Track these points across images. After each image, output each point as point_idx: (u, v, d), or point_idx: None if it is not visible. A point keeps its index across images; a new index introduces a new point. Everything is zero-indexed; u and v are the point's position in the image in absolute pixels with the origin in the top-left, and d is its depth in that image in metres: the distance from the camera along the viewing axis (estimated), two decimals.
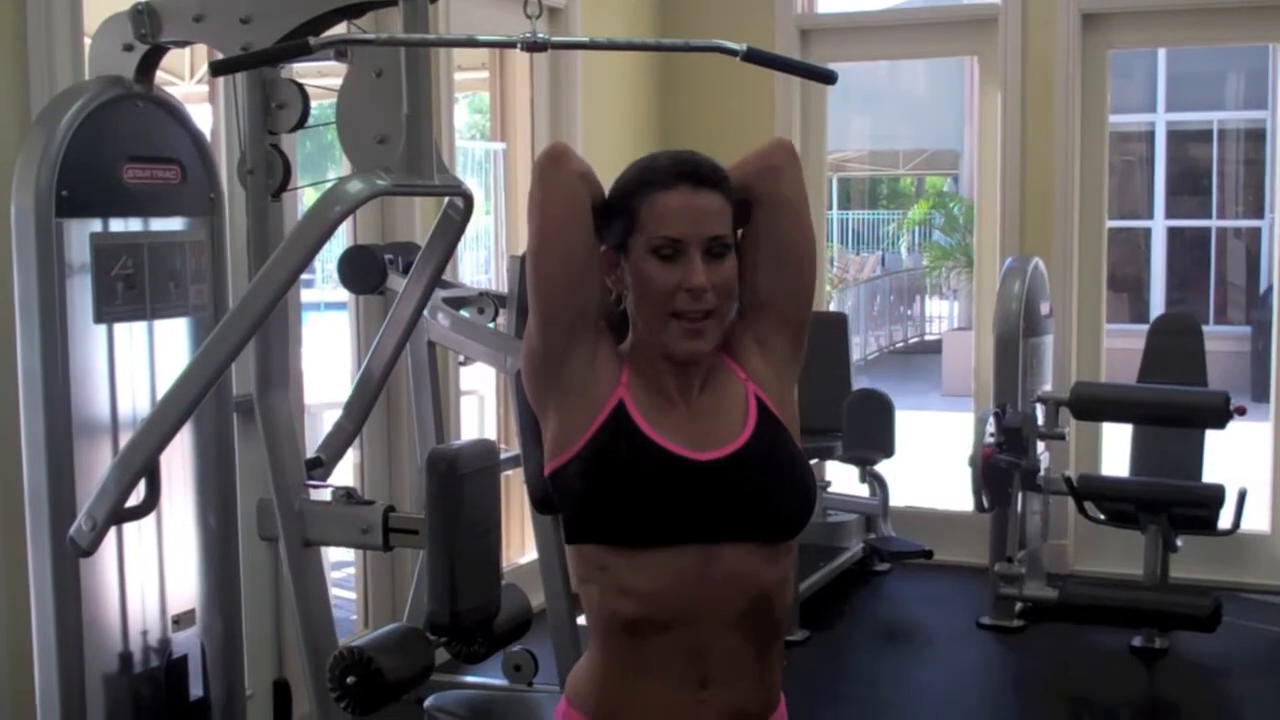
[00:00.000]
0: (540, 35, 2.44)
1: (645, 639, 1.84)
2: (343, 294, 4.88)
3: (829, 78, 2.84)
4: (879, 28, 7.11)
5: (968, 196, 16.12)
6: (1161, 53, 13.18)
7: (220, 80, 4.16)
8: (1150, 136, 14.55)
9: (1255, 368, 11.31)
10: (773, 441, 1.91)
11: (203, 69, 6.37)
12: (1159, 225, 14.55)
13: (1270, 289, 12.68)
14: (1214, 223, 14.85)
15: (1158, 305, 14.38)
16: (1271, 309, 6.23)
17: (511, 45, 2.61)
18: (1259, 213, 14.84)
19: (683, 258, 1.85)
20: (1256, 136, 14.76)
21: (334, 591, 4.24)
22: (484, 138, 9.06)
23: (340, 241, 4.77)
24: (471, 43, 2.75)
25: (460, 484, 3.02)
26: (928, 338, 17.57)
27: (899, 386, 7.78)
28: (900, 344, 17.24)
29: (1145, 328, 6.15)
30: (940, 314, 18.14)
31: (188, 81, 6.47)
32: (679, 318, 1.85)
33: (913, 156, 19.53)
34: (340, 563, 5.63)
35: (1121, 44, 6.59)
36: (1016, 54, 6.28)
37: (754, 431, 1.91)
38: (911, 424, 6.59)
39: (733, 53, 2.70)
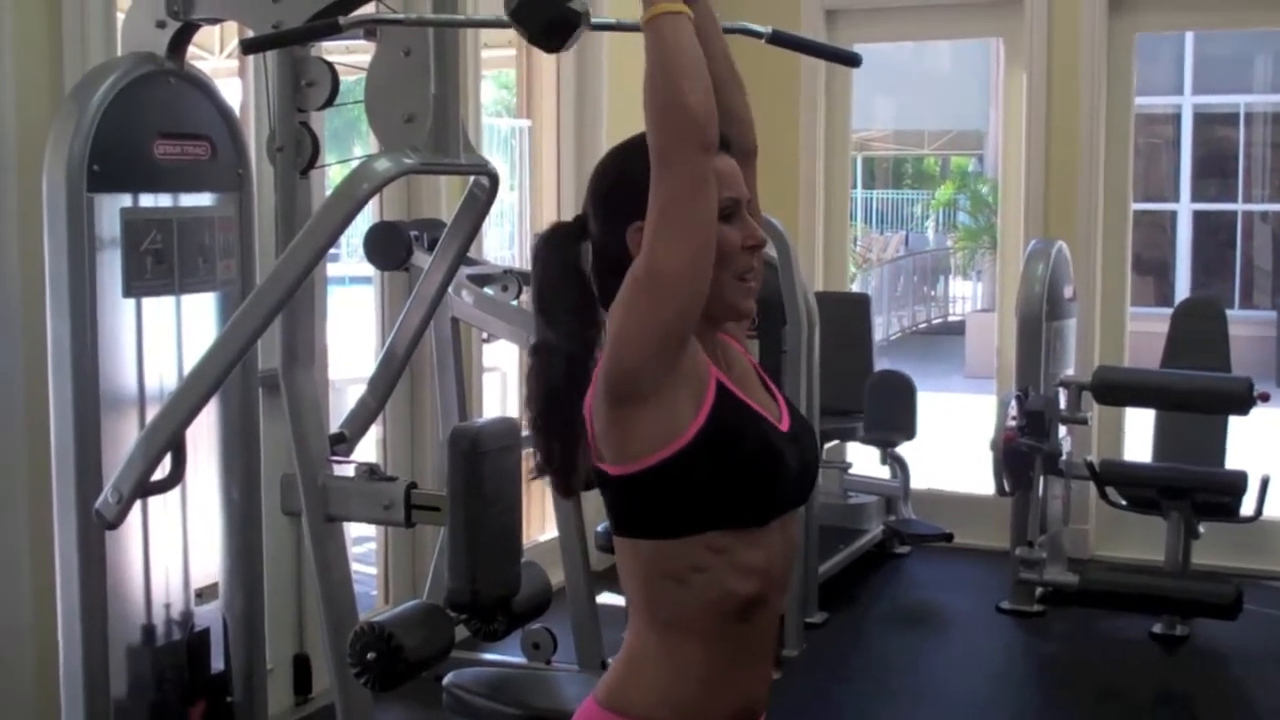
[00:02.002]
0: None
1: (748, 620, 1.84)
2: (368, 268, 4.89)
3: (853, 60, 2.86)
4: (905, 9, 7.06)
5: (993, 177, 16.07)
6: (1189, 35, 13.08)
7: (250, 57, 4.18)
8: (1176, 119, 14.47)
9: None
10: (794, 409, 1.94)
11: (232, 44, 6.38)
12: (1184, 208, 14.49)
13: None
14: (1240, 206, 14.78)
15: (1182, 289, 14.32)
16: None
17: None
18: None
19: (738, 217, 1.86)
20: None
21: (354, 567, 4.28)
22: (509, 114, 9.06)
23: (366, 218, 4.78)
24: (500, 23, 2.74)
25: (482, 461, 3.04)
26: (951, 319, 17.54)
27: (921, 368, 7.78)
28: (923, 325, 17.21)
29: (1169, 311, 6.13)
30: (964, 295, 18.10)
31: (218, 56, 6.48)
32: (740, 278, 1.86)
33: (937, 137, 19.46)
34: (361, 538, 5.66)
35: (1149, 27, 6.56)
36: (1042, 36, 6.25)
37: (785, 399, 1.93)
38: (933, 406, 6.59)
39: (758, 35, 2.72)
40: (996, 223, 15.21)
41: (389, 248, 4.38)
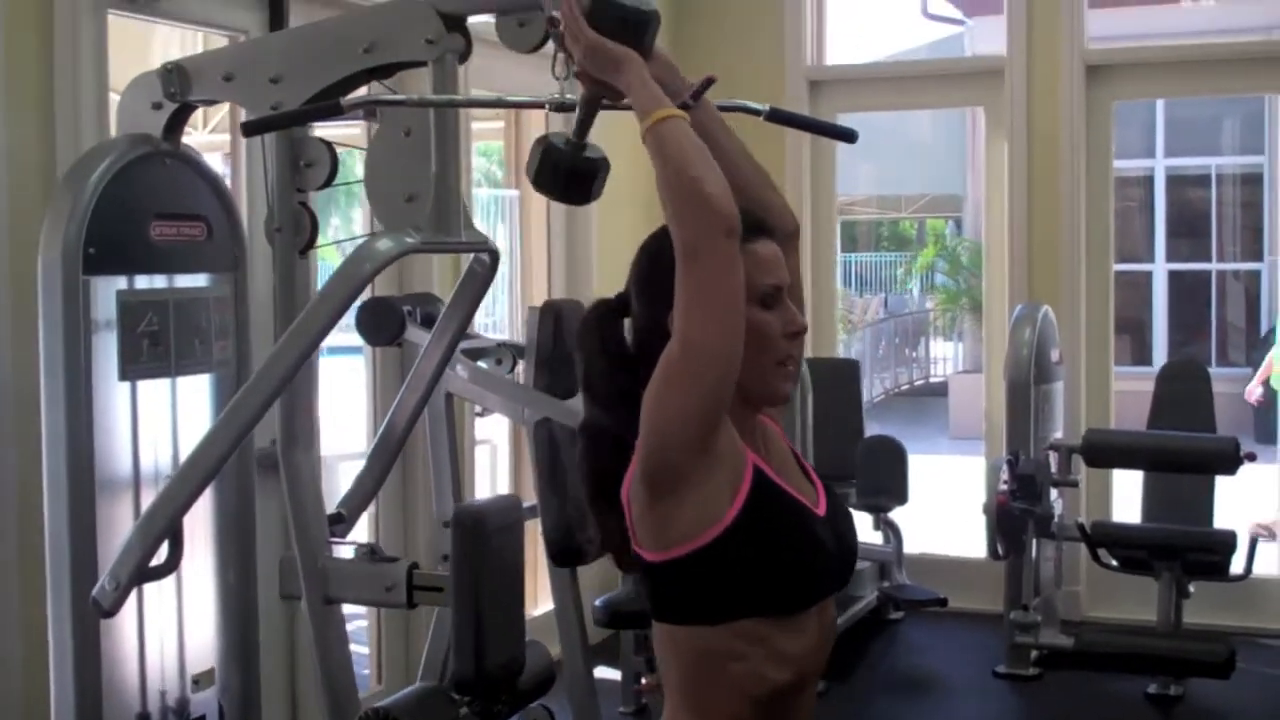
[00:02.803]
0: (568, 96, 2.47)
1: (784, 707, 1.84)
2: (352, 339, 4.88)
3: (850, 137, 2.88)
4: (888, 79, 7.17)
5: (971, 239, 16.18)
6: (1160, 100, 13.25)
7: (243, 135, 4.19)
8: (1150, 181, 14.62)
9: (1257, 410, 11.31)
10: (831, 492, 1.93)
11: (216, 118, 6.41)
12: (1160, 269, 14.60)
13: (1272, 330, 12.72)
14: (1214, 266, 14.91)
15: (1160, 348, 14.40)
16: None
17: (539, 106, 2.64)
18: (1257, 255, 14.89)
19: (780, 305, 1.87)
20: (1253, 180, 14.83)
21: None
22: (489, 183, 9.10)
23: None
24: (500, 104, 2.78)
25: (487, 541, 3.02)
26: (933, 380, 17.59)
27: (906, 430, 7.81)
28: (905, 386, 17.25)
29: (1148, 370, 6.18)
30: (945, 356, 18.16)
31: (200, 131, 6.50)
32: (781, 363, 1.87)
33: (914, 200, 19.62)
34: (352, 615, 5.60)
35: (1125, 95, 6.69)
36: (1022, 105, 6.33)
37: (821, 482, 1.93)
38: (920, 468, 6.58)
39: (756, 113, 2.74)
40: (975, 285, 15.36)
41: (382, 323, 4.36)
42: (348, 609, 5.27)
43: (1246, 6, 12.14)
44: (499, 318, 6.98)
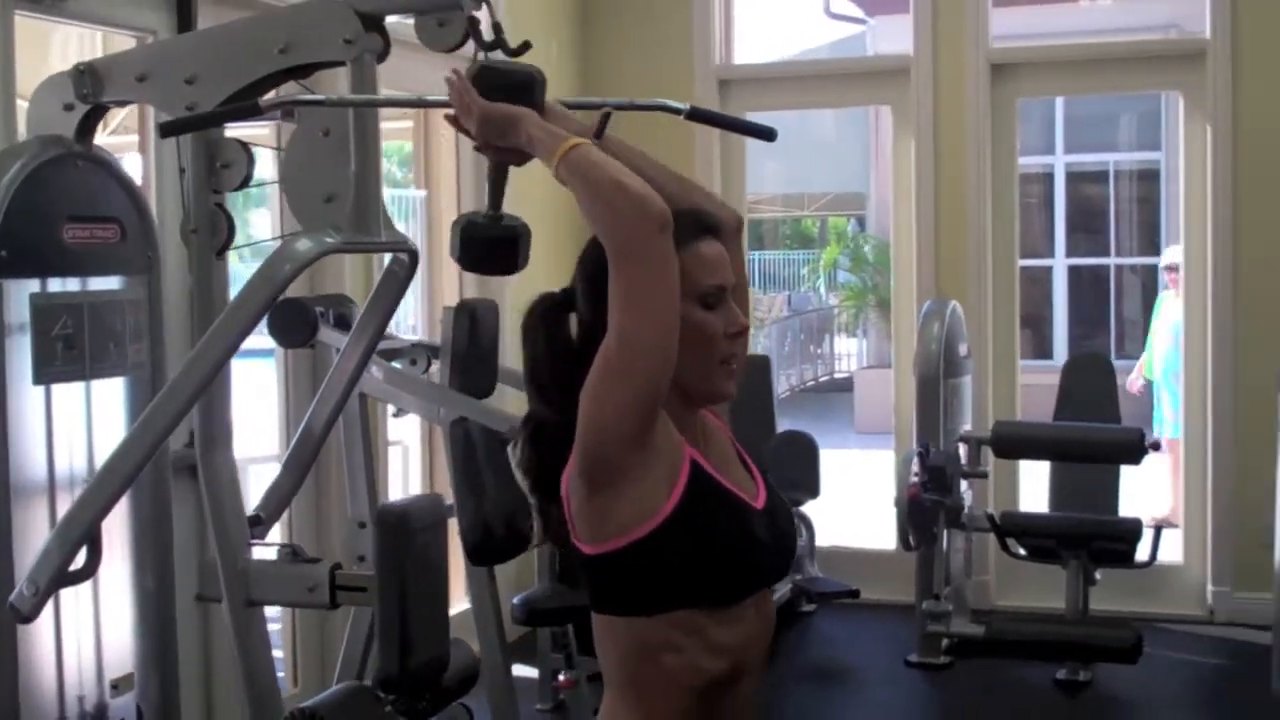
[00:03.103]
0: None
1: (722, 697, 1.87)
2: (263, 340, 4.85)
3: (769, 135, 2.91)
4: (795, 78, 7.25)
5: (875, 236, 16.36)
6: (1059, 98, 13.49)
7: (152, 133, 4.15)
8: (1050, 178, 14.86)
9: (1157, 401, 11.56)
10: (770, 485, 1.97)
11: (118, 119, 6.31)
12: (1060, 264, 14.85)
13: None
14: (1112, 260, 15.20)
15: (1060, 341, 14.64)
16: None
17: None
18: (1154, 250, 15.20)
19: (722, 305, 1.90)
20: (1150, 176, 15.14)
21: None
22: (389, 183, 9.04)
23: None
24: (420, 103, 2.78)
25: (411, 539, 3.03)
26: (837, 375, 17.76)
27: (813, 425, 7.89)
28: (811, 383, 17.40)
29: (1050, 364, 6.30)
30: (849, 352, 18.34)
31: (101, 133, 6.39)
32: (723, 362, 1.90)
33: (817, 198, 19.78)
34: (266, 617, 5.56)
35: (1029, 93, 6.81)
36: (928, 103, 6.42)
37: (761, 475, 1.96)
38: (829, 462, 6.68)
39: (676, 111, 2.76)
40: (880, 281, 15.53)
41: (295, 325, 4.32)
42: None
43: (1143, 6, 12.44)
44: (404, 317, 6.95)
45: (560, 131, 1.91)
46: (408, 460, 6.38)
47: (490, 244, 2.14)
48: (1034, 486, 6.45)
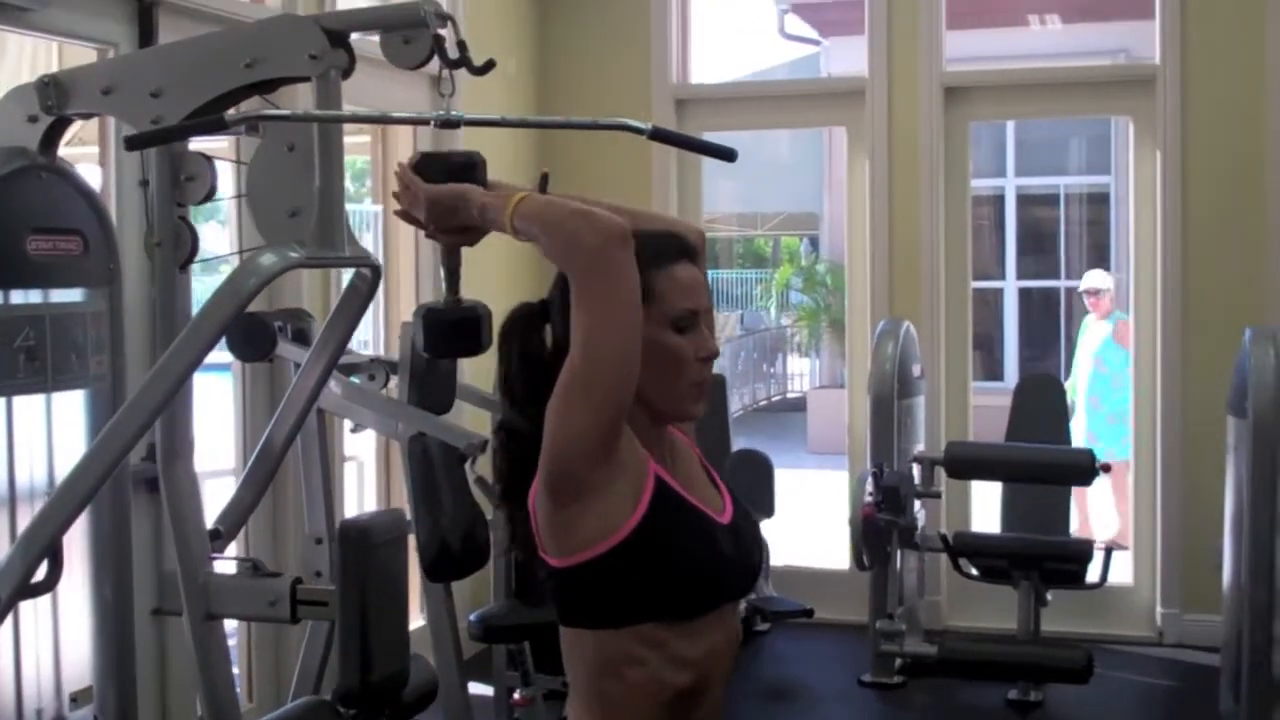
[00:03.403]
0: (455, 113, 2.50)
1: (690, 709, 1.89)
2: (220, 355, 4.84)
3: (729, 156, 2.93)
4: (752, 99, 7.30)
5: (828, 257, 16.46)
6: (1010, 122, 13.64)
7: (113, 145, 4.15)
8: (1000, 200, 15.01)
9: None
10: (737, 501, 1.99)
11: (74, 130, 6.29)
12: (1010, 285, 14.99)
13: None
14: (1062, 283, 15.35)
15: (1011, 363, 14.78)
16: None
17: (425, 122, 2.66)
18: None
19: (694, 329, 1.93)
20: (1099, 199, 15.32)
21: None
22: (346, 199, 9.05)
23: None
24: (386, 119, 2.80)
25: (372, 555, 3.04)
26: (790, 395, 17.84)
27: (766, 444, 7.94)
28: (764, 402, 17.47)
29: (1001, 385, 6.37)
30: (801, 372, 18.44)
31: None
32: (692, 384, 1.93)
33: (770, 218, 19.89)
34: None
35: (981, 116, 6.91)
36: (883, 125, 6.50)
37: (728, 491, 1.99)
38: (782, 482, 6.72)
39: (639, 131, 2.78)
40: (833, 302, 15.61)
41: (254, 339, 4.34)
42: None
43: (1093, 30, 12.61)
44: (359, 332, 6.94)
45: (505, 190, 1.98)
46: (363, 476, 6.37)
47: (454, 327, 2.18)
48: (986, 507, 6.51)
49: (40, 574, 2.95)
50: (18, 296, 3.12)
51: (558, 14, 6.84)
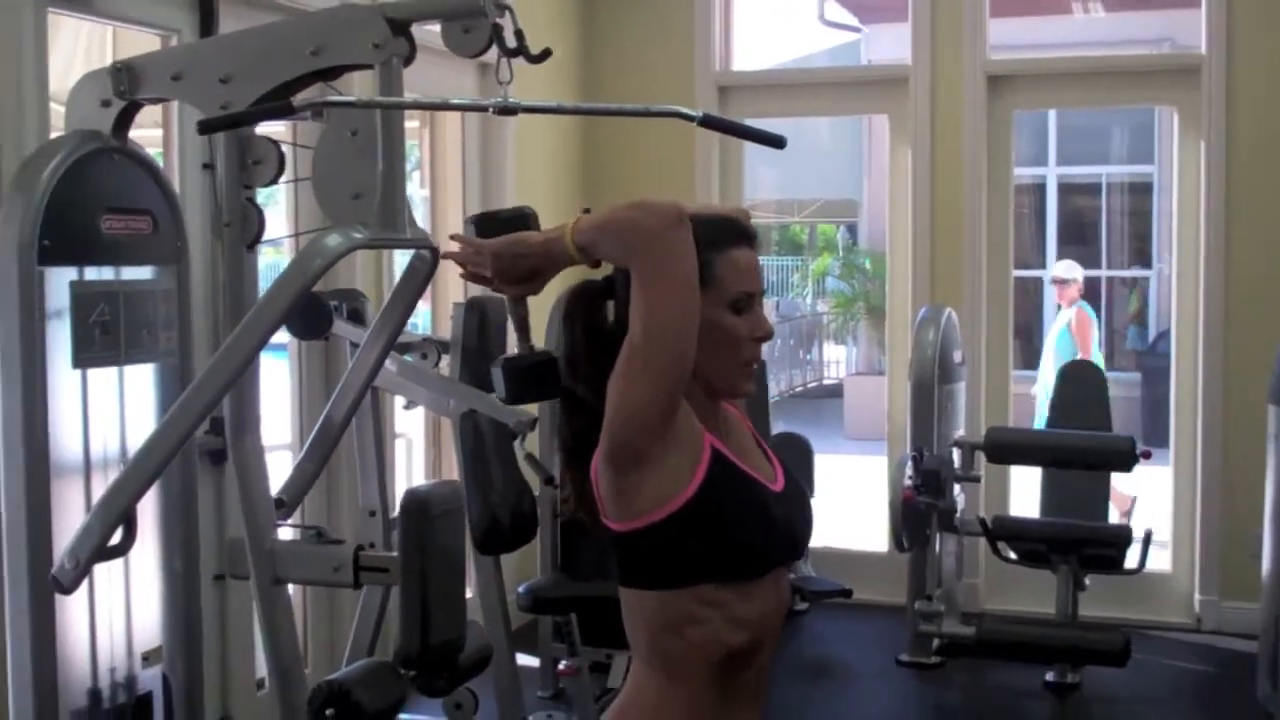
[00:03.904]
0: (511, 100, 2.62)
1: (741, 668, 2.00)
2: (276, 335, 4.96)
3: (779, 143, 3.01)
4: (795, 86, 7.37)
5: (866, 245, 16.49)
6: (1052, 110, 13.64)
7: (175, 129, 4.27)
8: (1042, 189, 15.00)
9: (1145, 412, 11.72)
10: (788, 471, 2.09)
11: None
12: (1050, 275, 14.99)
13: (1161, 336, 13.15)
14: (1103, 273, 15.33)
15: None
16: (1169, 355, 6.54)
17: (484, 109, 2.77)
18: (1145, 263, 15.34)
19: (750, 310, 2.04)
20: (1142, 189, 15.27)
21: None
22: None
23: None
24: (446, 106, 2.91)
25: (432, 524, 3.15)
26: (826, 382, 17.90)
27: (803, 429, 8.04)
28: (799, 388, 17.54)
29: (1037, 373, 6.41)
30: (837, 359, 18.48)
31: None
32: (744, 364, 2.04)
33: (808, 205, 19.92)
34: None
35: (1025, 105, 6.94)
36: (926, 113, 6.56)
37: (780, 462, 2.09)
38: (819, 466, 6.81)
39: (690, 118, 2.87)
40: (870, 289, 15.65)
41: (311, 318, 4.45)
42: None
43: (1137, 18, 12.58)
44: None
45: (558, 227, 2.05)
46: (411, 452, 6.50)
47: (533, 374, 2.26)
48: (1024, 492, 6.59)
49: (115, 538, 3.08)
50: (92, 273, 3.25)
51: (602, 2, 6.93)
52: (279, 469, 3.71)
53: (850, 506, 8.40)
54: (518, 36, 2.92)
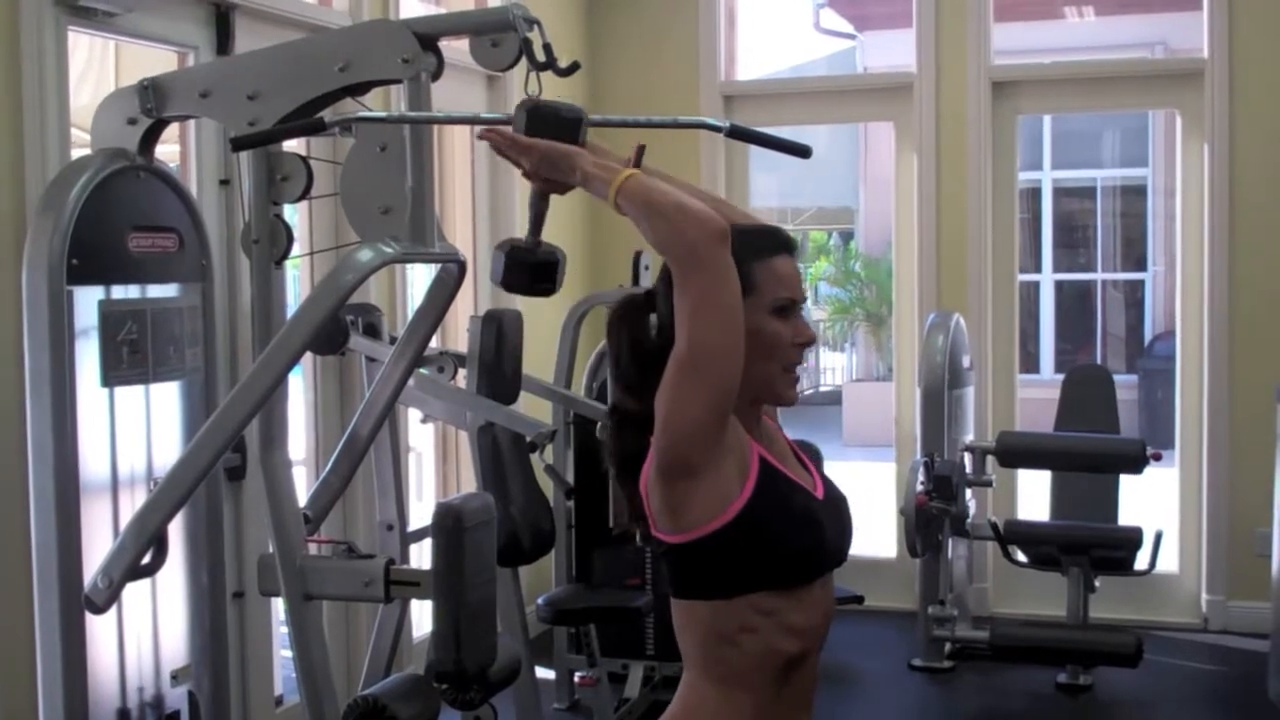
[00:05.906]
0: None
1: (792, 673, 2.02)
2: None
3: (805, 153, 3.04)
4: (799, 94, 7.38)
5: (864, 252, 16.51)
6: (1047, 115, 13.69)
7: (193, 145, 4.28)
8: (1037, 194, 15.04)
9: (1142, 415, 11.76)
10: (826, 478, 2.11)
11: None
12: (1047, 279, 15.03)
13: (1157, 339, 13.19)
14: (1098, 276, 15.39)
15: (1047, 356, 14.82)
16: (1165, 358, 6.57)
17: (509, 123, 2.78)
18: (1140, 266, 15.38)
19: (792, 316, 2.05)
20: (1135, 192, 15.32)
21: (283, 651, 4.35)
22: None
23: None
24: (475, 120, 2.92)
25: (464, 537, 3.16)
26: (823, 389, 17.91)
27: (803, 436, 8.05)
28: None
29: (1037, 378, 6.45)
30: (834, 366, 18.50)
31: None
32: (787, 370, 2.06)
33: (802, 212, 19.94)
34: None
35: (1029, 110, 6.95)
36: (931, 119, 6.58)
37: (818, 469, 2.11)
38: None
39: (717, 129, 2.89)
40: (868, 296, 15.67)
41: (329, 333, 4.46)
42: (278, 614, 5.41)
43: (1128, 22, 12.63)
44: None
45: (612, 165, 2.07)
46: (422, 466, 6.50)
47: (533, 268, 2.29)
48: (1032, 495, 6.61)
49: (147, 557, 3.09)
50: (119, 292, 3.26)
51: (606, 13, 6.95)
52: (296, 485, 3.71)
53: (857, 514, 8.40)
54: (546, 50, 2.94)
